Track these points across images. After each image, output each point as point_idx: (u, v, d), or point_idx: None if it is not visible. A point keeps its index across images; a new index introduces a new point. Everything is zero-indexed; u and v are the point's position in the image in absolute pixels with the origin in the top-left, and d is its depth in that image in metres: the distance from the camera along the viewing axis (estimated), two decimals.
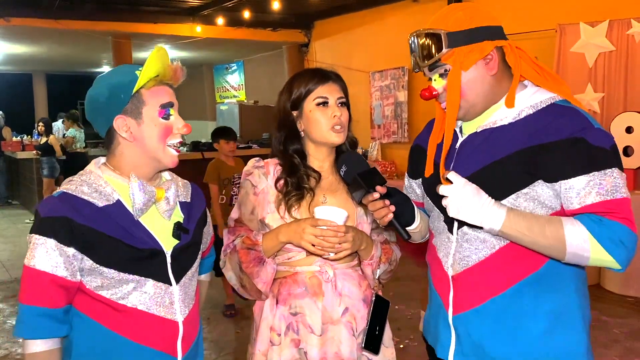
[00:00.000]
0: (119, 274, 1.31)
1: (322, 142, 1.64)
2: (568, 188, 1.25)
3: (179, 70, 1.36)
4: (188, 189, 1.52)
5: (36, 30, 7.77)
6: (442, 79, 1.37)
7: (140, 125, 1.33)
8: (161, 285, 1.36)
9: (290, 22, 9.00)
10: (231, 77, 12.15)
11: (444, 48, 1.32)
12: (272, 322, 1.61)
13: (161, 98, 1.34)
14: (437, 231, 1.46)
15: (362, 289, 1.64)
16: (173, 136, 1.36)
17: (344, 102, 1.65)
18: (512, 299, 1.32)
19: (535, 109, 1.33)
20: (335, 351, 1.57)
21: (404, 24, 7.57)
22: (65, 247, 1.27)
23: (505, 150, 1.31)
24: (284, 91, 1.69)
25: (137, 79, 1.30)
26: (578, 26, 5.07)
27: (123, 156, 1.36)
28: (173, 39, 8.84)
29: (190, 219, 1.46)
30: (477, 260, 1.34)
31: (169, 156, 1.37)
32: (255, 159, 1.72)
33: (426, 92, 1.38)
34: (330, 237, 1.49)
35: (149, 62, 1.30)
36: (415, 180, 1.58)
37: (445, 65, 1.34)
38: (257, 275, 1.58)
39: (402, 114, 7.50)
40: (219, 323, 4.15)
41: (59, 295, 1.29)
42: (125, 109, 1.32)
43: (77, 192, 1.31)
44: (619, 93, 4.99)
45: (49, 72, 13.73)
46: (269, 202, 1.63)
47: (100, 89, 1.35)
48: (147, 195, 1.34)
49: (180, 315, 1.39)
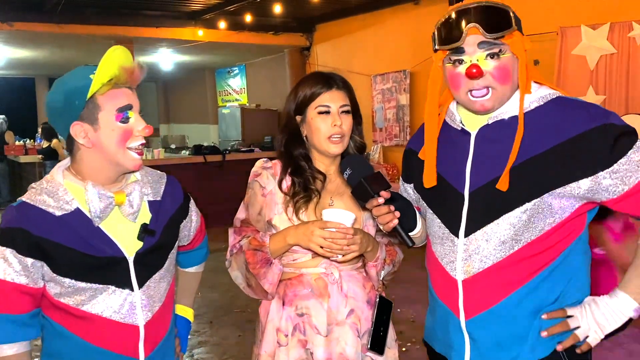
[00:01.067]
0: (76, 282, 1.31)
1: (321, 150, 1.65)
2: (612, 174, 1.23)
3: (136, 71, 1.30)
4: (160, 185, 1.48)
5: (39, 34, 7.79)
6: (489, 61, 1.29)
7: (97, 131, 1.29)
8: (121, 292, 1.35)
9: (292, 25, 9.01)
10: (233, 80, 12.17)
11: (513, 25, 1.28)
12: (278, 324, 1.61)
13: (118, 101, 1.29)
14: (437, 237, 1.43)
15: (367, 291, 1.65)
16: (134, 139, 1.32)
17: (348, 110, 1.64)
18: (528, 294, 1.31)
19: (544, 100, 1.32)
20: (340, 352, 1.58)
21: (405, 27, 7.58)
22: (23, 257, 1.28)
23: (535, 145, 1.28)
24: (291, 94, 1.70)
25: (91, 84, 1.25)
26: (579, 29, 5.07)
27: (83, 161, 1.34)
28: (175, 43, 8.86)
29: (158, 218, 1.43)
30: (494, 260, 1.31)
31: (130, 160, 1.33)
32: (263, 160, 1.72)
33: (474, 69, 1.26)
34: (339, 239, 1.49)
35: (101, 65, 1.25)
36: (409, 185, 1.56)
37: (502, 45, 1.28)
38: (264, 276, 1.59)
39: (404, 117, 7.50)
40: (221, 326, 4.15)
41: (22, 302, 1.30)
42: (81, 115, 1.28)
43: (36, 201, 1.30)
44: (620, 95, 4.99)
45: (52, 76, 13.75)
46: (276, 204, 1.63)
47: (56, 94, 1.30)
48: (104, 202, 1.31)
49: (142, 320, 1.38)
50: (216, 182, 7.53)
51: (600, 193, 1.26)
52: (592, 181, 1.24)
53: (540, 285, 1.31)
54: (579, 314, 1.31)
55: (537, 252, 1.30)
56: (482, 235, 1.32)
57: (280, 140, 1.70)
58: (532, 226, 1.29)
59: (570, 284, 1.33)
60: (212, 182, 7.54)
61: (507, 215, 1.29)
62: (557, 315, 1.32)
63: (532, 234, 1.29)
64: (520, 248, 1.30)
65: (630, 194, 1.24)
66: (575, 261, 1.33)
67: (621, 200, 1.26)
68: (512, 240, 1.30)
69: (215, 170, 7.79)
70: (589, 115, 1.25)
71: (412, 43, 7.03)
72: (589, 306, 1.31)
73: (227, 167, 7.85)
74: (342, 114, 1.63)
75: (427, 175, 1.41)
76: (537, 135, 1.28)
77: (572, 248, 1.32)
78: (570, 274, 1.33)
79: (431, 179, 1.41)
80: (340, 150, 1.64)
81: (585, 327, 1.30)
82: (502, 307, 1.32)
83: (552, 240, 1.30)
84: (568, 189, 1.26)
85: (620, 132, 1.23)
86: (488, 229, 1.31)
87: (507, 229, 1.29)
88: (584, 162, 1.24)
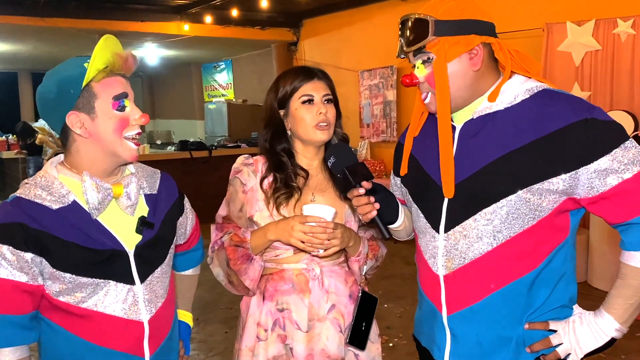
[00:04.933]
0: (77, 278, 1.27)
1: (307, 139, 1.64)
2: (592, 172, 1.21)
3: (130, 59, 1.29)
4: (155, 179, 1.47)
5: (21, 28, 7.66)
6: (425, 68, 1.34)
7: (94, 120, 1.27)
8: (123, 286, 1.32)
9: (279, 20, 8.97)
10: (219, 75, 12.09)
11: (430, 35, 1.29)
12: (259, 318, 1.61)
13: (114, 89, 1.27)
14: (420, 230, 1.44)
15: (349, 285, 1.65)
16: (130, 128, 1.31)
17: (330, 99, 1.65)
18: (510, 297, 1.30)
19: (531, 93, 1.30)
20: (322, 348, 1.58)
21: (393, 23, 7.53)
22: (22, 252, 1.23)
23: (514, 139, 1.27)
24: (271, 90, 1.69)
25: (86, 72, 1.24)
26: (565, 25, 5.10)
27: (79, 153, 1.31)
28: (161, 38, 8.77)
29: (156, 211, 1.42)
30: (473, 257, 1.31)
31: (128, 150, 1.31)
32: (244, 156, 1.71)
33: (407, 79, 1.36)
34: (320, 234, 1.49)
35: (96, 52, 1.23)
36: (398, 178, 1.57)
37: (429, 53, 1.31)
38: (245, 273, 1.58)
39: (391, 113, 7.50)
40: (208, 323, 4.13)
41: (23, 301, 1.26)
42: (76, 105, 1.26)
43: (31, 195, 1.27)
44: (606, 92, 5.03)
45: (35, 71, 13.57)
46: (257, 200, 1.62)
47: (49, 85, 1.28)
48: (102, 193, 1.29)
49: (145, 315, 1.36)
50: (203, 178, 7.49)
51: (579, 188, 1.23)
52: (572, 177, 1.22)
53: (523, 290, 1.30)
54: (562, 330, 1.30)
55: (519, 252, 1.28)
56: (460, 230, 1.32)
57: (264, 136, 1.69)
58: (511, 223, 1.27)
59: (556, 289, 1.32)
60: (199, 177, 7.50)
61: (484, 210, 1.29)
62: (539, 327, 1.31)
63: (510, 231, 1.27)
64: (499, 245, 1.29)
65: (605, 196, 1.22)
66: (560, 266, 1.32)
67: (596, 201, 1.23)
68: (490, 236, 1.29)
69: (202, 166, 7.74)
70: (572, 109, 1.23)
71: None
72: (572, 323, 1.30)
73: (213, 163, 7.81)
74: (326, 102, 1.63)
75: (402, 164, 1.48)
76: (520, 129, 1.27)
77: (557, 252, 1.30)
78: (555, 279, 1.32)
79: (404, 168, 1.48)
80: (327, 137, 1.64)
81: (567, 346, 1.28)
82: (484, 306, 1.32)
83: (534, 241, 1.28)
84: (546, 185, 1.24)
85: (604, 128, 1.21)
86: (466, 224, 1.31)
87: (485, 225, 1.29)
88: (564, 157, 1.22)
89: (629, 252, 1.25)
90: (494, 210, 1.28)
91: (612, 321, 1.26)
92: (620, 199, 1.21)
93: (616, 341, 1.28)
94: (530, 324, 1.31)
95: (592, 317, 1.29)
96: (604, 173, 1.20)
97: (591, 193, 1.22)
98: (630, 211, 1.21)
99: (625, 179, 1.19)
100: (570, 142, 1.21)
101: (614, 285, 1.28)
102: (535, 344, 1.31)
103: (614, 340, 1.27)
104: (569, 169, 1.22)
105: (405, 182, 1.51)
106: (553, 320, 1.32)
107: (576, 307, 1.36)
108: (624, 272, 1.26)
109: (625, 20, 4.79)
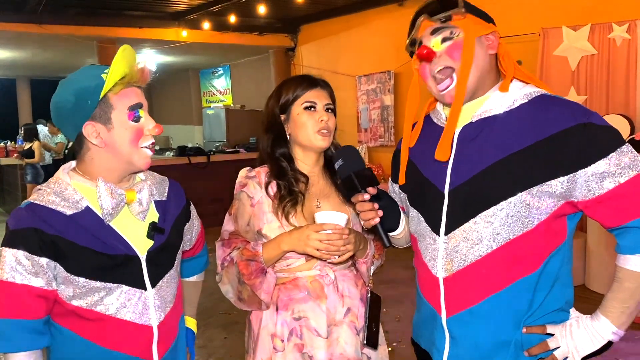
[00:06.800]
0: (90, 282, 1.28)
1: (307, 145, 1.65)
2: (589, 175, 1.22)
3: (146, 71, 1.31)
4: (164, 186, 1.49)
5: (20, 35, 7.69)
6: (443, 44, 1.32)
7: (110, 130, 1.29)
8: (134, 291, 1.34)
9: (277, 26, 9.01)
10: (217, 81, 12.12)
11: (460, 7, 1.30)
12: (273, 329, 1.60)
13: (129, 100, 1.29)
14: (420, 234, 1.44)
15: (359, 288, 1.66)
16: (145, 138, 1.33)
17: (332, 109, 1.67)
18: (508, 299, 1.31)
19: (529, 97, 1.32)
20: (340, 352, 1.59)
21: (390, 28, 7.61)
22: (37, 257, 1.24)
23: (514, 142, 1.28)
24: (272, 95, 1.70)
25: (104, 83, 1.25)
26: (561, 30, 5.13)
27: (93, 162, 1.33)
28: (159, 44, 8.81)
29: (166, 217, 1.43)
30: (473, 259, 1.32)
31: (143, 157, 1.33)
32: (246, 169, 1.70)
33: (425, 49, 1.30)
34: (336, 241, 1.49)
35: (115, 64, 1.25)
36: (397, 184, 1.56)
37: (454, 27, 1.30)
38: (260, 287, 1.57)
39: (389, 117, 7.53)
40: (207, 328, 4.13)
41: (37, 306, 1.27)
42: (93, 115, 1.28)
43: (45, 201, 1.28)
44: (601, 96, 5.06)
45: (33, 77, 13.59)
46: (264, 213, 1.62)
47: (65, 95, 1.29)
48: (115, 199, 1.31)
49: (155, 320, 1.37)
50: (201, 184, 7.49)
51: (577, 191, 1.25)
52: (570, 180, 1.24)
53: (521, 292, 1.31)
54: (559, 333, 1.30)
55: (517, 255, 1.29)
56: (461, 233, 1.33)
57: (266, 141, 1.69)
58: (510, 225, 1.28)
59: (552, 292, 1.33)
60: (197, 183, 7.51)
61: (484, 213, 1.30)
62: (537, 331, 1.32)
63: (509, 233, 1.29)
64: (499, 247, 1.30)
65: (602, 199, 1.23)
66: (557, 270, 1.33)
67: (593, 204, 1.25)
68: (489, 239, 1.30)
69: (200, 172, 7.75)
70: (570, 113, 1.25)
71: (397, 44, 7.05)
72: (569, 326, 1.31)
73: (211, 168, 7.82)
74: (327, 111, 1.65)
75: (400, 174, 1.47)
76: (519, 132, 1.29)
77: (554, 256, 1.32)
78: (551, 282, 1.33)
79: (401, 178, 1.47)
80: (328, 144, 1.65)
81: (564, 349, 1.29)
82: (482, 309, 1.33)
83: (532, 244, 1.29)
84: (545, 187, 1.25)
85: (602, 133, 1.23)
86: (466, 227, 1.32)
87: (484, 227, 1.30)
88: (563, 160, 1.23)
89: (624, 256, 1.26)
90: (493, 213, 1.29)
91: (608, 324, 1.26)
92: (616, 202, 1.22)
93: (613, 344, 1.29)
94: (527, 328, 1.32)
95: (588, 321, 1.30)
96: (601, 176, 1.22)
97: (588, 196, 1.24)
98: (626, 215, 1.23)
99: (622, 183, 1.21)
100: (568, 146, 1.23)
101: (610, 289, 1.29)
102: (533, 347, 1.32)
103: (610, 344, 1.28)
104: (568, 171, 1.23)
105: (404, 188, 1.51)
106: (550, 323, 1.33)
107: (573, 311, 1.37)
108: (619, 275, 1.27)
109: (621, 25, 4.83)
